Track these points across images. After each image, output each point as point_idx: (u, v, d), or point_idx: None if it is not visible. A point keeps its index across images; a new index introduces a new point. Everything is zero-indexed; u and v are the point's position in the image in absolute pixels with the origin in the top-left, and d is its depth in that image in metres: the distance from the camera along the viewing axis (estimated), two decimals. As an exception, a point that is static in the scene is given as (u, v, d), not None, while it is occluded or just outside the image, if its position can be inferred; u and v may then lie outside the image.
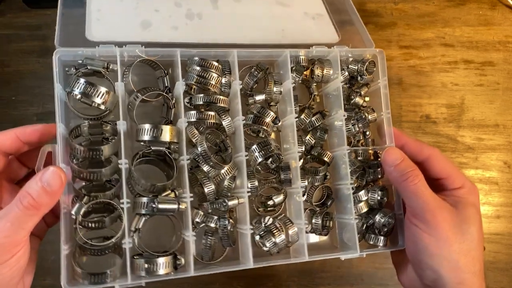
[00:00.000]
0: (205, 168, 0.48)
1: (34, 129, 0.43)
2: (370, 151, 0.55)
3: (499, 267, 0.47)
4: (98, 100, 0.44)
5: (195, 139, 0.48)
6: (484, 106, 0.77)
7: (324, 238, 0.57)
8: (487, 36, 0.80)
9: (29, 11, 0.70)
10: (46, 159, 0.44)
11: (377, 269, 0.71)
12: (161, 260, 0.45)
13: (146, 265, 0.45)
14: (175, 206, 0.45)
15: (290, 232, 0.50)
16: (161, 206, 0.45)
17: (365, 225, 0.54)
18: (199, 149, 0.47)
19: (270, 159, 0.50)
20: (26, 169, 0.49)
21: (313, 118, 0.53)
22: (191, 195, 0.46)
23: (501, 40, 0.80)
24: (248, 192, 0.48)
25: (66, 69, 0.46)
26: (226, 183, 0.49)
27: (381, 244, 0.53)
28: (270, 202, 0.50)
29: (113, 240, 0.43)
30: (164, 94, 0.48)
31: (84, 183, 0.46)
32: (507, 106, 0.78)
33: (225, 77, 0.50)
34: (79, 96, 0.44)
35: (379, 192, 0.53)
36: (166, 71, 0.50)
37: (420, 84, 0.77)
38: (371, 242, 0.54)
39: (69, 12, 0.50)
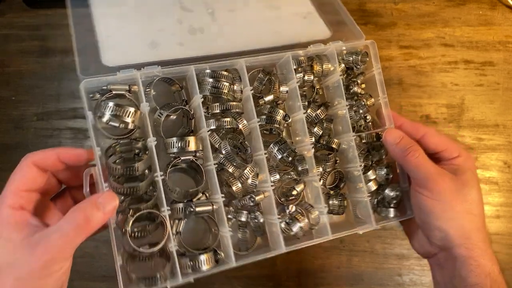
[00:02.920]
0: (230, 169, 0.52)
1: (75, 153, 0.47)
2: (373, 134, 0.60)
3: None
4: (128, 119, 0.48)
5: (218, 144, 0.53)
6: (484, 106, 0.77)
7: (341, 218, 0.62)
8: (487, 36, 0.79)
9: (29, 11, 0.69)
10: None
11: (377, 269, 0.71)
12: (203, 257, 0.50)
13: (190, 263, 0.50)
14: (210, 207, 0.50)
15: (312, 215, 0.55)
16: (198, 209, 0.50)
17: (375, 200, 0.60)
18: (224, 152, 0.51)
19: (285, 154, 0.55)
20: (60, 186, 0.51)
21: (318, 111, 0.58)
22: (222, 195, 0.51)
23: (501, 40, 0.79)
24: (272, 185, 0.53)
25: (91, 95, 0.50)
26: (250, 181, 0.53)
27: (391, 215, 0.59)
28: (294, 192, 0.55)
29: (160, 245, 0.48)
30: (184, 107, 0.52)
31: (122, 198, 0.51)
32: (507, 106, 0.77)
33: (235, 84, 0.54)
34: (109, 118, 0.48)
35: (385, 170, 0.59)
36: (181, 86, 0.55)
37: (420, 84, 0.77)
38: (383, 215, 0.59)
39: (82, 42, 0.54)
